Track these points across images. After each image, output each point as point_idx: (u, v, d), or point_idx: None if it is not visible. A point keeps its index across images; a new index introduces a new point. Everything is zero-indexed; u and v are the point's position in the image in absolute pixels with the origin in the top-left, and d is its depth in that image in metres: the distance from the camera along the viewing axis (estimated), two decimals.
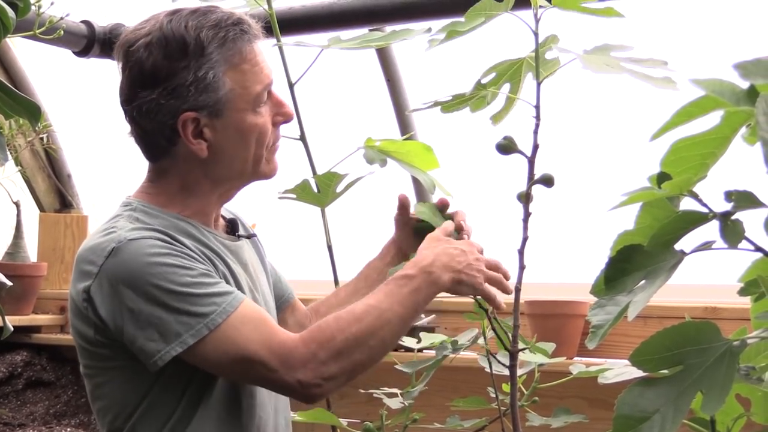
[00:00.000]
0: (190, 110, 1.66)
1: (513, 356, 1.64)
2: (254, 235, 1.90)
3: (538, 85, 1.61)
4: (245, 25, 1.71)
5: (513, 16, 1.61)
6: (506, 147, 1.65)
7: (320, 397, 1.66)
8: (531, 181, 1.64)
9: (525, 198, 1.66)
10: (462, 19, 1.63)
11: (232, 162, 1.72)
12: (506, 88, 1.71)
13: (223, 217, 1.85)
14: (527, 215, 1.68)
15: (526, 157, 1.63)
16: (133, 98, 1.68)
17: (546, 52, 1.63)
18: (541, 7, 1.59)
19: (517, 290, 1.65)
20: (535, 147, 1.61)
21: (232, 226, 1.85)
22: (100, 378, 1.71)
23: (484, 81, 1.70)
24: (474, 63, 1.74)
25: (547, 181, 1.65)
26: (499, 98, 1.71)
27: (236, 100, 1.69)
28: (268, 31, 1.99)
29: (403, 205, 1.94)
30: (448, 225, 1.77)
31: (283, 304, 1.97)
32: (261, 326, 1.63)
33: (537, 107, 1.60)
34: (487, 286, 1.71)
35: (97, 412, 1.74)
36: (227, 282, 1.70)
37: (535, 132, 1.61)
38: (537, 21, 1.60)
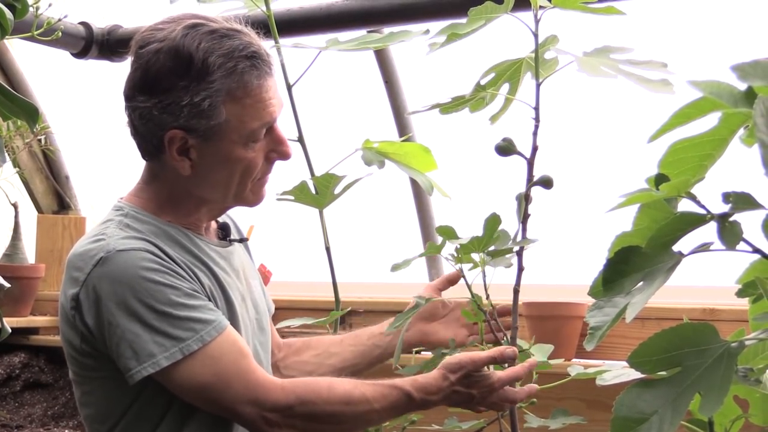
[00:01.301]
0: (179, 129, 1.65)
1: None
2: (246, 239, 1.89)
3: (538, 86, 1.61)
4: (258, 60, 1.66)
5: (513, 17, 1.61)
6: (505, 149, 1.65)
7: None
8: (530, 182, 1.64)
9: (524, 199, 1.66)
10: (461, 21, 1.63)
11: (213, 186, 1.71)
12: (505, 88, 1.71)
13: (216, 221, 1.84)
14: (526, 217, 1.68)
15: (525, 158, 1.62)
16: (131, 98, 1.68)
17: (545, 52, 1.63)
18: (541, 7, 1.59)
19: (516, 292, 1.65)
20: (534, 149, 1.61)
21: (224, 231, 1.84)
22: (86, 386, 1.71)
23: (483, 82, 1.70)
24: (472, 64, 1.75)
25: (546, 182, 1.65)
26: (497, 98, 1.71)
27: (229, 132, 1.66)
28: (266, 32, 1.99)
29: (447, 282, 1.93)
30: (479, 358, 1.68)
31: None
32: (240, 360, 1.63)
33: (536, 108, 1.60)
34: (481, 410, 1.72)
35: (84, 418, 1.74)
36: (213, 297, 1.69)
37: (535, 134, 1.61)
38: (537, 22, 1.60)
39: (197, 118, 1.64)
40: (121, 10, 3.52)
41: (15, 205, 3.64)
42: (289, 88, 2.04)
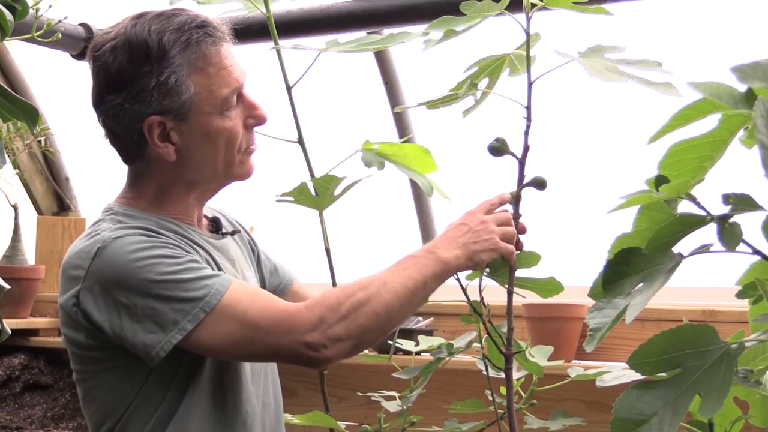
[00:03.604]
0: (154, 114, 1.67)
1: (508, 359, 1.63)
2: (238, 231, 1.90)
3: (529, 85, 1.61)
4: (210, 27, 1.70)
5: (506, 17, 1.61)
6: (498, 149, 1.65)
7: (327, 361, 1.64)
8: (521, 183, 1.64)
9: (515, 199, 1.66)
10: (455, 18, 1.64)
11: (201, 165, 1.72)
12: (486, 83, 1.71)
13: (206, 216, 1.85)
14: (517, 217, 1.68)
15: (517, 158, 1.62)
16: (100, 102, 1.71)
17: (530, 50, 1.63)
18: (533, 5, 1.59)
19: (510, 293, 1.65)
20: (526, 148, 1.61)
21: (216, 225, 1.86)
22: (92, 381, 1.72)
23: (465, 74, 1.70)
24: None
25: (540, 184, 1.65)
26: (489, 95, 1.71)
27: (201, 104, 1.69)
28: (265, 33, 1.99)
29: None
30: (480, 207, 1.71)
31: (279, 294, 1.96)
32: (257, 299, 1.64)
33: (528, 108, 1.60)
34: (503, 244, 1.66)
35: (90, 416, 1.74)
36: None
37: (526, 133, 1.61)
38: (528, 20, 1.60)
39: (168, 98, 1.67)
40: (121, 11, 3.52)
41: (15, 207, 3.64)
42: (288, 89, 2.04)
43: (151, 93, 1.66)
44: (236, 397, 1.73)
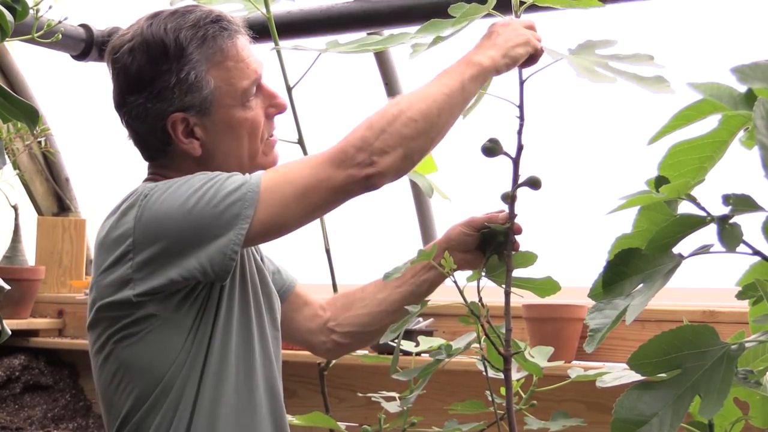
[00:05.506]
0: (177, 111, 1.69)
1: (506, 360, 1.63)
2: None
3: (521, 84, 1.61)
4: (224, 21, 1.72)
5: (492, 18, 1.62)
6: (491, 149, 1.65)
7: (384, 175, 1.61)
8: (516, 182, 1.63)
9: (510, 199, 1.66)
10: (443, 21, 1.64)
11: (226, 158, 1.74)
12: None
13: None
14: (512, 217, 1.68)
15: (511, 158, 1.62)
16: (123, 104, 1.72)
17: None
18: (521, 3, 1.60)
19: (507, 294, 1.65)
20: (520, 148, 1.61)
21: None
22: (132, 348, 1.66)
23: None
24: None
25: (534, 183, 1.65)
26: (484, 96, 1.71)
27: (223, 97, 1.71)
28: (266, 34, 2.00)
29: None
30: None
31: (282, 296, 1.95)
32: (289, 162, 1.67)
33: (521, 107, 1.60)
34: (535, 39, 1.63)
35: (120, 395, 1.68)
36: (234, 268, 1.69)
37: (519, 132, 1.61)
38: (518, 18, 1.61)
39: (189, 94, 1.69)
40: (121, 12, 3.52)
41: (15, 207, 3.64)
42: (289, 90, 2.04)
43: (173, 90, 1.68)
44: (252, 384, 1.72)
